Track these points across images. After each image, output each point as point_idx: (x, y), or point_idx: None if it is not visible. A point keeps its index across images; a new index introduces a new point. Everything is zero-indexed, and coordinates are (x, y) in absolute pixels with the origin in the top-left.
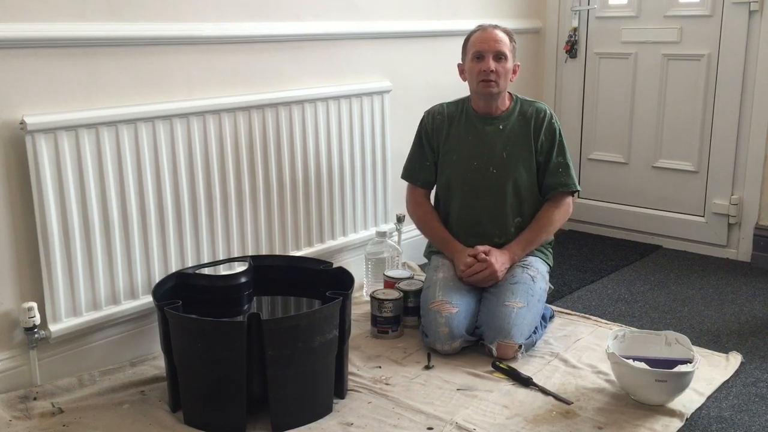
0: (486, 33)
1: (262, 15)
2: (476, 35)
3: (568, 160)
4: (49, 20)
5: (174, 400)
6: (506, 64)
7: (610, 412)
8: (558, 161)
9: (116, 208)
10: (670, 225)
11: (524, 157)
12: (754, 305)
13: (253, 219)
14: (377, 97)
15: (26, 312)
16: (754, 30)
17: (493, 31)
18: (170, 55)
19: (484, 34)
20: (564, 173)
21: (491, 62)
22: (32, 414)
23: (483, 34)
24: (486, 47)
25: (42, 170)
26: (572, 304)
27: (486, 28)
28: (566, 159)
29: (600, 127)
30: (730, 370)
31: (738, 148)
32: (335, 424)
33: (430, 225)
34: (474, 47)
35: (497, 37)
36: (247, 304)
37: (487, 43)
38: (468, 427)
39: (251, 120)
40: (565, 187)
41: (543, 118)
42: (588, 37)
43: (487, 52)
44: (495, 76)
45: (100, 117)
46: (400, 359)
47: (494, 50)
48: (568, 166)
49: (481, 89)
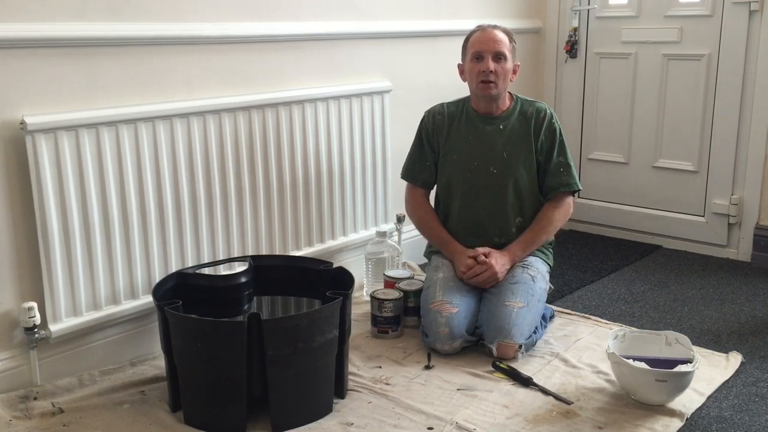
0: (485, 33)
1: (262, 15)
2: (476, 35)
3: (569, 160)
4: (49, 20)
5: (174, 400)
6: (506, 64)
7: (610, 412)
8: (559, 161)
9: (116, 208)
10: (670, 225)
11: (524, 157)
12: (755, 305)
13: (253, 219)
14: (377, 97)
15: (26, 312)
16: (755, 30)
17: (493, 32)
18: (170, 55)
19: (483, 35)
20: (565, 173)
21: (490, 63)
22: (32, 414)
23: (482, 35)
24: (485, 48)
25: (42, 170)
26: (572, 304)
27: (485, 28)
28: (567, 158)
29: (600, 127)
30: (730, 370)
31: (738, 148)
32: (335, 424)
33: (429, 225)
34: (473, 47)
35: (497, 38)
36: (247, 304)
37: (486, 43)
38: (468, 427)
39: (251, 120)
40: (566, 186)
41: (543, 117)
42: (588, 37)
43: (486, 52)
44: (494, 76)
45: (100, 117)
46: (400, 359)
47: (494, 51)
48: (569, 166)
49: (481, 90)
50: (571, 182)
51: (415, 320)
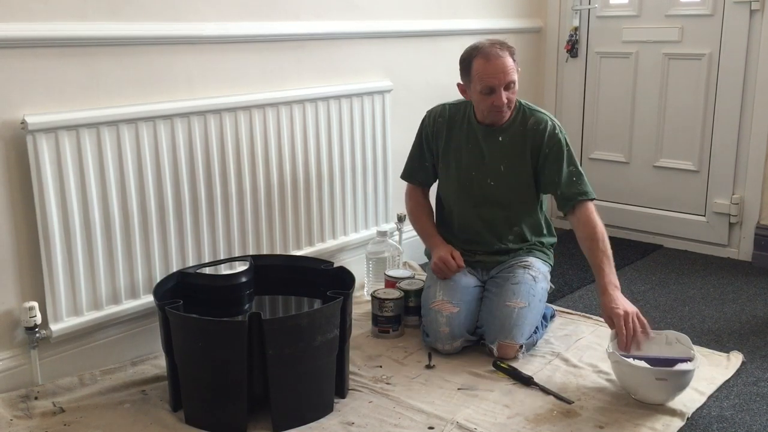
0: (492, 64)
1: (263, 15)
2: (481, 65)
3: (580, 169)
4: (50, 20)
5: (175, 399)
6: (515, 87)
7: (611, 411)
8: (570, 170)
9: (117, 208)
10: (671, 224)
11: (521, 170)
12: (755, 304)
13: (254, 218)
14: (378, 97)
15: (27, 311)
16: (755, 29)
17: (499, 60)
18: (171, 54)
19: (490, 66)
20: (579, 182)
21: (503, 95)
22: (33, 413)
23: (489, 66)
24: (497, 82)
25: (43, 170)
26: (573, 304)
27: (490, 56)
28: (577, 167)
29: (601, 126)
30: (731, 370)
31: (739, 148)
32: (336, 424)
33: (418, 217)
34: (483, 81)
35: (507, 69)
36: (248, 304)
37: (497, 77)
38: (469, 426)
39: (252, 119)
40: (584, 195)
41: (543, 130)
42: (589, 37)
43: (498, 86)
44: (507, 106)
45: (101, 117)
46: (401, 359)
47: (505, 83)
48: (581, 174)
49: (493, 117)
50: (588, 191)
51: (415, 320)
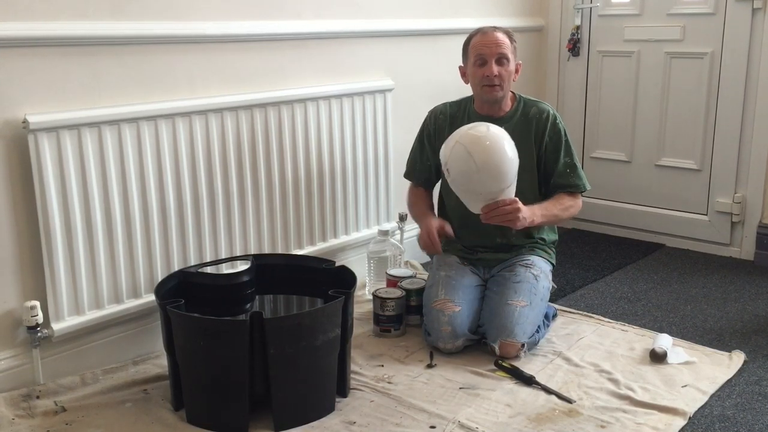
0: (486, 37)
1: (264, 14)
2: (476, 39)
3: (576, 161)
4: (51, 19)
5: (176, 398)
6: (509, 66)
7: (612, 410)
8: (566, 162)
9: (119, 207)
10: (673, 223)
11: (525, 160)
12: (758, 304)
13: (255, 217)
14: (379, 96)
15: (29, 311)
16: (757, 28)
17: (494, 34)
18: (172, 54)
19: (484, 38)
20: (572, 174)
21: (494, 67)
22: (35, 412)
23: (483, 38)
24: (488, 51)
25: (45, 169)
26: (575, 303)
27: (486, 31)
28: (573, 159)
29: (603, 125)
30: (733, 369)
31: (741, 146)
32: (338, 423)
33: (415, 203)
34: (475, 51)
35: (498, 41)
36: (250, 303)
37: (488, 47)
38: (470, 425)
39: (254, 119)
40: (574, 188)
41: (546, 119)
42: (591, 35)
43: (489, 56)
44: (498, 79)
45: (102, 116)
46: (403, 358)
47: (496, 54)
48: (575, 167)
49: (486, 94)
50: (579, 183)
51: (417, 319)
